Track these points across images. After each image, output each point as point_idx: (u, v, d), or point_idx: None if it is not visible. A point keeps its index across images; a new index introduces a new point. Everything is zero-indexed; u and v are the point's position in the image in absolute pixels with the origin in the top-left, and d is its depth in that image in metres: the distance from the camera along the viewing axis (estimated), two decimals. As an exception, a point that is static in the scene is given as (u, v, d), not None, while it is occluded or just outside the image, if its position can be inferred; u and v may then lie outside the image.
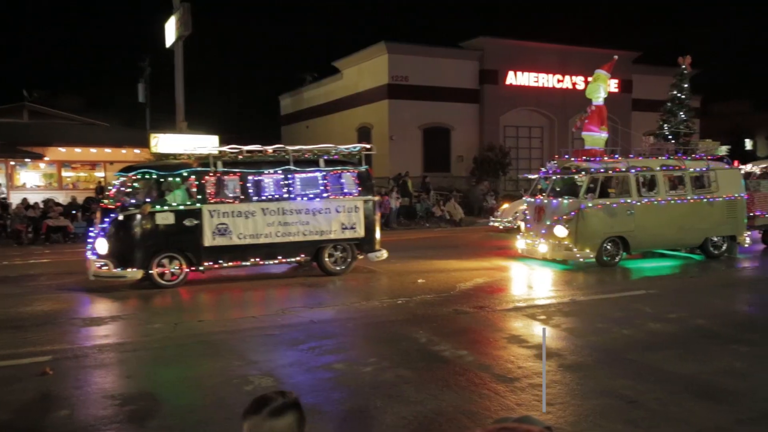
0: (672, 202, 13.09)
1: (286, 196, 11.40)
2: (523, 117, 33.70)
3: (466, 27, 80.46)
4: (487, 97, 32.21)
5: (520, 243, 13.82)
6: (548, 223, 12.75)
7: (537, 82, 33.36)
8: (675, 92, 24.41)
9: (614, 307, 9.10)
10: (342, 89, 35.19)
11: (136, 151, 24.25)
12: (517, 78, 32.83)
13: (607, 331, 7.71)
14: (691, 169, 13.52)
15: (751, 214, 14.58)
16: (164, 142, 19.52)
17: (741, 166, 24.25)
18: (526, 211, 14.04)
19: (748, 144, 60.70)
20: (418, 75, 30.81)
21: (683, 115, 24.43)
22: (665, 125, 24.43)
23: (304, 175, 11.64)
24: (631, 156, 14.13)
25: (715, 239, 13.67)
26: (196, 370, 6.51)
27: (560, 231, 12.45)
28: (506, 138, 32.97)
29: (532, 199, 13.78)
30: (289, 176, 11.48)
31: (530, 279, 11.94)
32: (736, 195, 13.75)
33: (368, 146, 12.69)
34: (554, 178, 13.63)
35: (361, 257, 12.21)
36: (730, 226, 13.67)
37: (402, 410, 5.17)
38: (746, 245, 14.07)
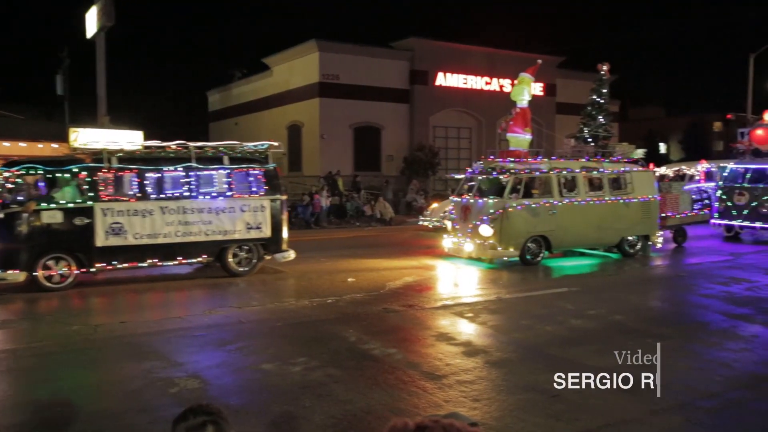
0: (591, 202, 13.48)
1: (187, 194, 10.91)
2: (452, 118, 34.25)
3: (398, 27, 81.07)
4: (417, 97, 32.56)
5: (447, 242, 13.93)
6: (474, 222, 12.92)
7: (466, 83, 33.99)
8: (594, 97, 25.22)
9: (538, 305, 9.39)
10: (272, 86, 34.76)
11: (54, 145, 23.11)
12: (446, 79, 33.33)
13: (531, 327, 7.94)
14: (609, 171, 14.01)
15: (663, 214, 15.12)
16: (84, 137, 18.68)
17: (656, 169, 25.47)
18: (453, 211, 14.16)
19: (663, 148, 63.94)
20: (350, 74, 30.80)
21: (602, 119, 25.28)
22: (585, 128, 25.25)
23: (206, 172, 11.20)
24: (554, 158, 14.55)
25: (631, 238, 14.13)
26: (118, 373, 6.28)
27: (485, 230, 12.64)
28: (436, 138, 33.42)
29: (459, 199, 13.92)
30: (191, 174, 10.99)
31: (457, 277, 12.16)
32: (650, 196, 14.30)
33: (276, 144, 12.21)
34: (480, 178, 13.87)
35: (268, 258, 11.88)
36: (644, 226, 14.20)
37: (331, 409, 5.16)
38: (659, 245, 14.79)
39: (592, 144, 17.93)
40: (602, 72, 24.94)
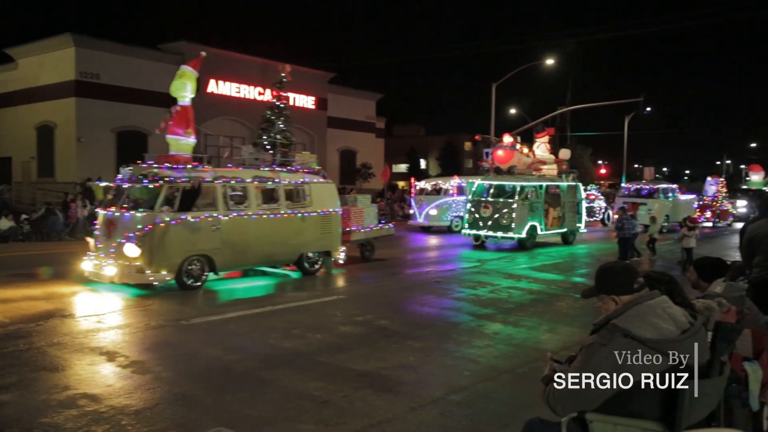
0: (264, 216, 12.25)
1: None
2: (225, 126, 33.65)
3: (168, 31, 77.43)
4: (188, 103, 31.37)
5: (87, 264, 11.39)
6: (118, 240, 10.85)
7: (239, 92, 33.66)
8: (275, 101, 23.75)
9: (309, 314, 9.58)
10: (17, 81, 30.96)
11: None
12: (219, 87, 32.69)
13: (303, 336, 8.08)
14: (286, 182, 12.96)
15: (348, 228, 14.47)
16: None
17: (416, 183, 27.48)
18: (97, 226, 11.82)
19: (423, 163, 69.58)
20: (113, 74, 28.71)
21: (282, 125, 23.76)
22: (264, 135, 23.17)
23: None
24: (230, 165, 13.37)
25: (311, 255, 13.24)
26: None
27: (131, 250, 10.66)
28: (208, 147, 32.46)
29: (103, 211, 11.62)
30: None
31: (186, 295, 11.77)
32: (332, 210, 13.56)
33: None
34: (125, 186, 11.58)
35: None
36: (325, 241, 13.38)
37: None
38: (341, 261, 14.06)
39: (271, 152, 16.17)
40: (283, 75, 23.61)
